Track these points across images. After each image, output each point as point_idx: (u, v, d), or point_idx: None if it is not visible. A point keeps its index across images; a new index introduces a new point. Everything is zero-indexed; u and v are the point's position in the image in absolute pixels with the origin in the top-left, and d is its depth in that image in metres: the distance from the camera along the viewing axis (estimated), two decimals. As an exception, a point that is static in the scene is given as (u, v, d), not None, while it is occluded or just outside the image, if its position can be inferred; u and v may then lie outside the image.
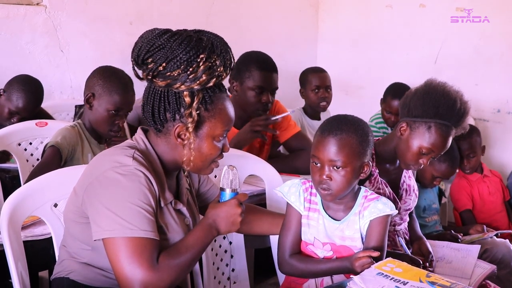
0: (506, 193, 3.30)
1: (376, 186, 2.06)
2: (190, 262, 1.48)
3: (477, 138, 3.10)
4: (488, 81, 4.13)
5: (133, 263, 1.37)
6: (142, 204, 1.40)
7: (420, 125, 1.99)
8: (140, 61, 1.47)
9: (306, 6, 5.14)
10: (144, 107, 1.52)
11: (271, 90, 2.74)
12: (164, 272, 1.40)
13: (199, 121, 1.48)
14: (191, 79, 1.43)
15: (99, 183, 1.42)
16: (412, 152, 2.01)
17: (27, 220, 1.81)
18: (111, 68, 2.42)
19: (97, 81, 2.31)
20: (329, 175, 1.62)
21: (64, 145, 2.27)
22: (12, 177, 2.62)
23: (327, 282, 1.70)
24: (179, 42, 1.43)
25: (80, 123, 2.41)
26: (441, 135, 1.97)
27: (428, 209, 2.81)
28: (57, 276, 1.56)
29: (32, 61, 3.64)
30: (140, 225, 1.39)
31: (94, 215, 1.41)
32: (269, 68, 2.75)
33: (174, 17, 4.13)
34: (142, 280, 1.36)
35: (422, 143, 1.98)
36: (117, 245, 1.38)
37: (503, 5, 3.99)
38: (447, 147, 2.01)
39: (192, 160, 1.51)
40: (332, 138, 1.62)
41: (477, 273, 1.99)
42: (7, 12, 3.49)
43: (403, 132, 2.03)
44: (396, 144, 2.06)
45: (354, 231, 1.69)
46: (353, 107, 3.49)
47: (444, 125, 1.97)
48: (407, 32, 4.54)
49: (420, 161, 2.02)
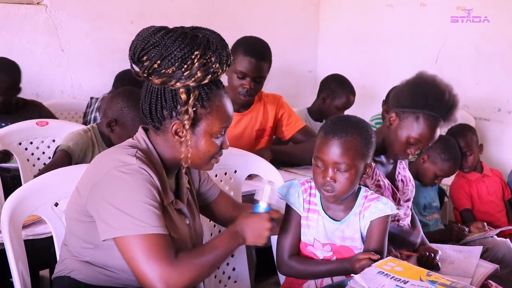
0: (507, 192, 3.30)
1: (375, 178, 2.06)
2: (211, 263, 1.47)
3: (473, 137, 3.11)
4: (488, 80, 4.13)
5: (150, 260, 1.36)
6: (150, 201, 1.40)
7: (409, 115, 2.02)
8: (136, 59, 1.47)
9: (307, 5, 5.14)
10: (142, 105, 1.52)
11: (253, 77, 2.69)
12: (184, 268, 1.39)
13: (196, 118, 1.48)
14: (186, 76, 1.43)
15: (104, 183, 1.41)
16: (400, 142, 2.04)
17: (28, 219, 1.81)
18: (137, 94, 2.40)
19: (122, 108, 2.25)
20: (333, 177, 1.61)
21: (75, 150, 2.27)
22: (13, 176, 2.62)
23: (327, 282, 1.70)
24: (174, 39, 1.43)
25: (94, 128, 2.40)
26: (428, 126, 2.00)
27: (429, 207, 2.81)
28: (58, 275, 1.56)
29: (33, 61, 3.64)
30: (150, 221, 1.39)
31: (102, 215, 1.40)
32: (255, 55, 2.69)
33: (175, 16, 4.13)
34: (162, 276, 1.36)
35: (410, 133, 2.01)
36: (131, 244, 1.37)
37: (503, 5, 3.99)
38: (434, 139, 2.04)
39: (189, 157, 1.51)
40: (337, 140, 1.61)
41: (479, 273, 1.99)
42: (8, 11, 3.50)
43: (392, 122, 2.06)
44: (386, 134, 2.08)
45: (354, 232, 1.69)
46: (354, 106, 3.50)
47: (432, 116, 1.99)
48: (407, 32, 4.54)
49: (408, 151, 2.04)
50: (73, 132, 2.37)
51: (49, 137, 2.72)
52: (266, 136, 2.92)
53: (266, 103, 2.91)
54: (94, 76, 3.92)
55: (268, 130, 2.91)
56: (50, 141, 2.72)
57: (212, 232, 2.07)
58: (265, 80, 2.79)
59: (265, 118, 2.90)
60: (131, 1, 4.02)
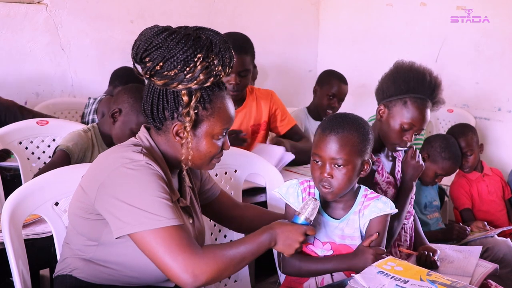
0: (507, 191, 3.30)
1: (385, 176, 2.08)
2: (239, 257, 1.45)
3: (473, 136, 3.11)
4: (488, 79, 4.13)
5: (173, 252, 1.36)
6: (161, 194, 1.40)
7: (396, 103, 2.04)
8: (138, 59, 1.47)
9: (307, 5, 5.14)
10: (144, 104, 1.52)
11: (237, 71, 2.69)
12: (210, 258, 1.39)
13: (197, 120, 1.48)
14: (188, 79, 1.43)
15: (112, 181, 1.41)
16: (395, 131, 2.05)
17: (28, 218, 1.81)
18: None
19: (128, 99, 2.26)
20: (330, 173, 1.62)
21: (74, 151, 2.26)
22: (13, 175, 2.63)
23: (327, 281, 1.70)
24: (177, 42, 1.42)
25: (95, 127, 2.40)
26: (418, 108, 2.02)
27: (429, 206, 2.82)
28: (59, 273, 1.56)
29: (33, 60, 3.65)
30: (166, 214, 1.38)
31: (115, 212, 1.39)
32: (235, 50, 2.71)
33: (175, 15, 4.14)
34: (187, 266, 1.36)
35: (402, 119, 2.03)
36: (151, 239, 1.37)
37: (503, 5, 3.99)
38: (427, 120, 2.05)
39: (190, 159, 1.51)
40: (333, 136, 1.62)
41: (479, 272, 1.99)
42: (8, 10, 3.50)
43: (382, 114, 2.08)
44: (379, 128, 2.09)
45: (354, 230, 1.69)
46: (354, 106, 3.50)
47: (419, 98, 2.02)
48: (407, 31, 4.54)
49: (404, 138, 2.05)
50: (73, 132, 2.37)
51: (49, 136, 2.72)
52: (262, 131, 2.94)
53: (259, 98, 2.93)
54: (94, 75, 3.92)
55: (263, 124, 2.93)
56: (50, 140, 2.72)
57: (212, 232, 2.07)
58: (265, 80, 2.80)
59: (259, 113, 2.92)
60: (131, 1, 4.02)
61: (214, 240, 2.06)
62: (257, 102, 2.92)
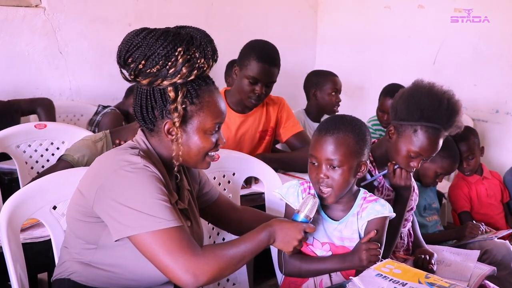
0: (506, 194, 3.30)
1: (385, 193, 2.05)
2: (239, 256, 1.45)
3: (475, 140, 3.10)
4: (487, 81, 4.13)
5: (173, 254, 1.37)
6: (160, 196, 1.40)
7: (406, 129, 1.93)
8: (122, 63, 1.48)
9: (305, 7, 5.15)
10: (134, 108, 1.53)
11: (265, 82, 2.73)
12: (210, 258, 1.39)
13: (186, 116, 1.48)
14: (172, 74, 1.43)
15: (111, 184, 1.41)
16: (402, 156, 1.96)
17: (26, 222, 1.81)
18: None
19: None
20: (326, 174, 1.63)
21: (80, 163, 2.20)
22: (11, 179, 2.62)
23: (325, 283, 1.71)
24: (156, 38, 1.43)
25: (107, 136, 2.34)
26: (428, 138, 1.91)
27: (429, 209, 2.81)
28: (58, 277, 1.56)
29: (31, 63, 3.64)
30: (165, 216, 1.38)
31: (114, 215, 1.40)
32: (268, 61, 2.72)
33: (173, 18, 4.12)
34: (188, 267, 1.36)
35: (410, 146, 1.93)
36: (151, 241, 1.37)
37: (503, 5, 4.00)
38: (437, 150, 1.96)
39: (181, 155, 1.51)
40: (329, 137, 1.63)
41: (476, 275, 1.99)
42: (6, 14, 3.50)
43: (391, 135, 2.00)
44: (388, 147, 2.03)
45: (352, 232, 1.70)
46: (352, 108, 3.50)
47: (431, 128, 1.91)
48: (405, 33, 4.55)
49: (411, 164, 1.96)
50: (83, 140, 2.30)
51: (47, 140, 2.72)
52: (268, 136, 2.94)
53: (269, 105, 2.93)
54: (92, 78, 3.92)
55: (270, 130, 2.93)
56: (48, 143, 2.72)
57: (210, 235, 2.07)
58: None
59: (268, 120, 2.92)
60: (129, 4, 4.02)
61: (213, 243, 2.06)
62: (266, 108, 2.92)
